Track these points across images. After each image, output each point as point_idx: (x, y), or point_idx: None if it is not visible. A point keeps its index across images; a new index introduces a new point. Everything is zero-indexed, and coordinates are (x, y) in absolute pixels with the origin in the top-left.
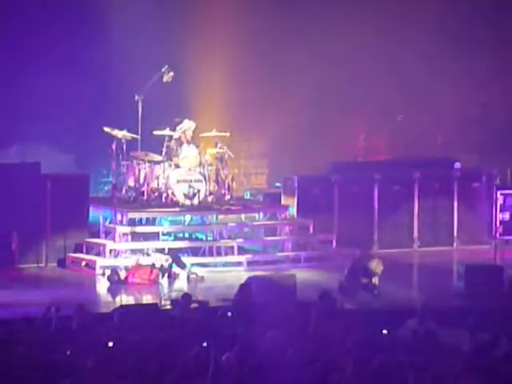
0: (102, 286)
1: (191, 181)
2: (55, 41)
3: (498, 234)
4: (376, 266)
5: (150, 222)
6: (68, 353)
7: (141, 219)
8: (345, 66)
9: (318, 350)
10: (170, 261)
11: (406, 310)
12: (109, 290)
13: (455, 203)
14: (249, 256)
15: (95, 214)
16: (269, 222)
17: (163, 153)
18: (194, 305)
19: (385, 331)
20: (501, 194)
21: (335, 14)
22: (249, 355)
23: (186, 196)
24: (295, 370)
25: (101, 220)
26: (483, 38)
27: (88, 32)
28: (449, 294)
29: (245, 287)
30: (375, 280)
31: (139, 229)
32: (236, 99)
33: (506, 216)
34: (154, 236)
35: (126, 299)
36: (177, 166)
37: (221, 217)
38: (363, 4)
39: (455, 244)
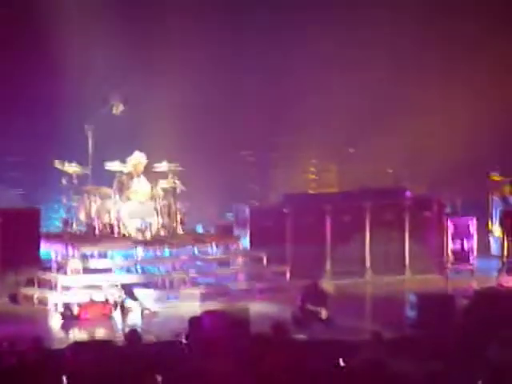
0: (55, 321)
1: (143, 214)
2: (4, 73)
3: (449, 264)
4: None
5: (103, 256)
6: None
7: (92, 254)
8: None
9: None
10: (123, 295)
11: (359, 340)
12: (62, 326)
13: (406, 232)
14: (202, 289)
15: (47, 248)
16: (221, 257)
17: (114, 187)
18: (149, 338)
19: (341, 362)
20: (451, 223)
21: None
22: None
23: (138, 230)
24: None
25: (52, 255)
26: (431, 64)
27: (33, 63)
28: (401, 323)
29: (198, 321)
30: (325, 312)
31: (91, 263)
32: (187, 130)
33: (457, 245)
34: (107, 270)
35: (79, 335)
36: (128, 200)
37: (173, 250)
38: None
39: (407, 273)
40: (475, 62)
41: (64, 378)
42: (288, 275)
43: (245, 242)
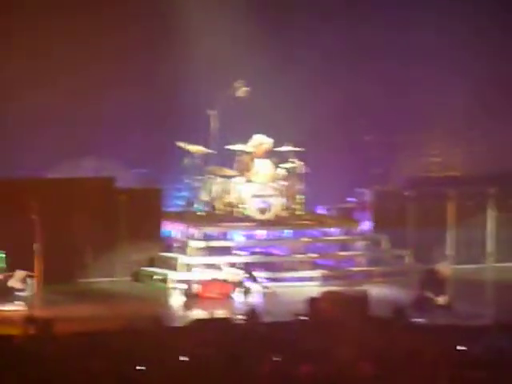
0: (176, 300)
1: (264, 195)
2: (131, 56)
3: None
4: (445, 269)
5: (223, 236)
6: (142, 367)
7: (213, 233)
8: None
9: (402, 366)
10: (243, 275)
11: (480, 327)
12: (182, 304)
13: None
14: (322, 271)
15: (168, 228)
16: (342, 238)
17: (236, 167)
18: (268, 318)
19: (460, 347)
20: None
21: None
22: (323, 370)
23: (258, 210)
24: None
25: (174, 234)
26: None
27: (160, 46)
28: None
29: (317, 302)
30: (445, 299)
31: (212, 243)
32: (311, 113)
33: None
34: (227, 251)
35: (199, 313)
36: (250, 180)
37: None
38: None
39: None
40: None
41: (183, 356)
42: (409, 259)
43: (366, 226)
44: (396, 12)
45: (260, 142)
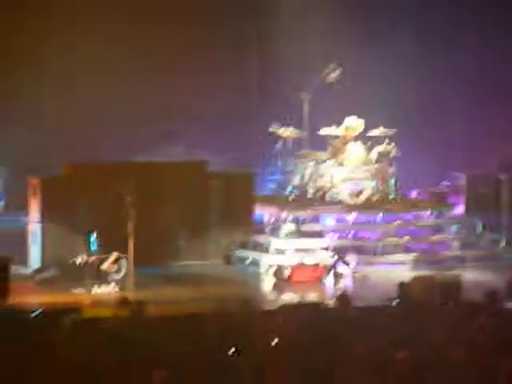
0: (267, 283)
1: (357, 179)
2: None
3: None
4: None
5: (315, 220)
6: (232, 351)
7: (305, 217)
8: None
9: (494, 352)
10: (335, 260)
11: None
12: (273, 287)
13: None
14: (413, 255)
15: (261, 211)
16: (435, 222)
17: (329, 151)
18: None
19: None
20: None
21: None
22: (420, 355)
23: (350, 194)
24: (465, 369)
25: (266, 218)
26: None
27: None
28: None
29: (408, 287)
30: None
31: (304, 227)
32: (407, 97)
33: None
34: (319, 235)
35: (290, 297)
36: (342, 164)
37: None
38: None
39: None
40: None
41: (274, 340)
42: (503, 243)
43: (459, 210)
44: None
45: (352, 124)
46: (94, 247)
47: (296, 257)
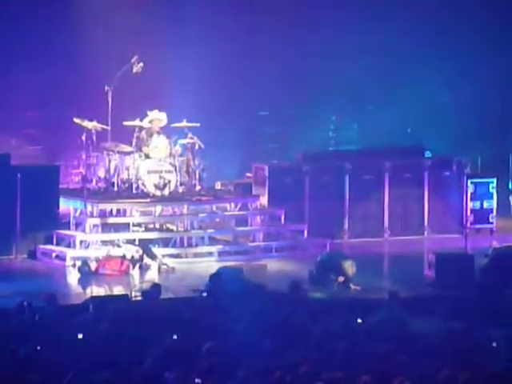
0: (73, 277)
1: (162, 171)
2: (26, 31)
3: (468, 223)
4: (349, 267)
5: (121, 212)
6: (39, 347)
7: (111, 210)
8: (313, 55)
9: (289, 340)
10: (141, 252)
11: (376, 299)
12: (79, 281)
13: (426, 192)
14: (220, 246)
15: (66, 205)
16: (240, 212)
17: (133, 143)
18: (166, 295)
19: (359, 320)
20: (471, 183)
21: None
22: (224, 346)
23: (156, 187)
24: (268, 359)
25: (71, 211)
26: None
27: (59, 22)
28: (420, 283)
29: (216, 278)
30: (343, 279)
31: (110, 220)
32: (207, 89)
33: (477, 205)
34: (125, 227)
35: (96, 290)
36: (147, 157)
37: (191, 207)
38: None
39: (426, 233)
40: None
41: (80, 334)
42: (305, 233)
43: (263, 201)
44: None
45: (155, 117)
46: None
47: (102, 250)
